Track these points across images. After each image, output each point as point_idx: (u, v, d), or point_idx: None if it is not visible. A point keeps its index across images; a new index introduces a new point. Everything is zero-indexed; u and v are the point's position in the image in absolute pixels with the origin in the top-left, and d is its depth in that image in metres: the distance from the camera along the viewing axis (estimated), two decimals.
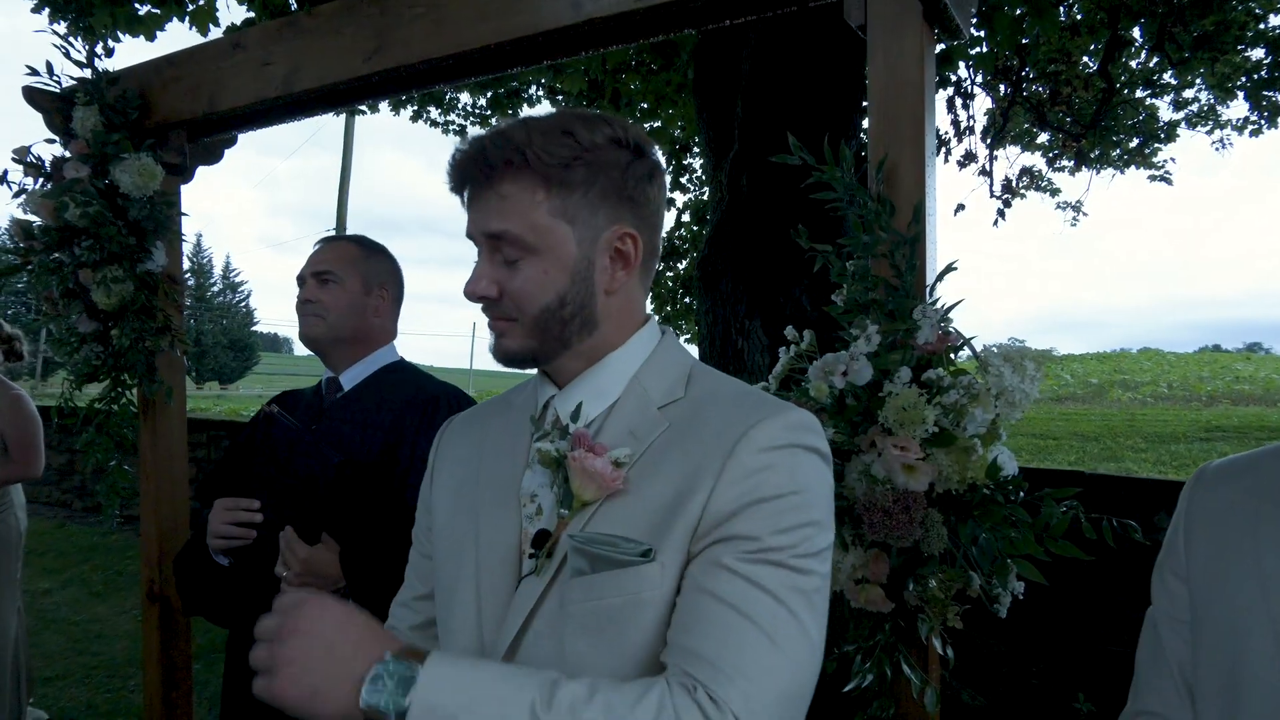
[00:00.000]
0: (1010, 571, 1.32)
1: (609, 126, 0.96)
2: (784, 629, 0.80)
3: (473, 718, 0.72)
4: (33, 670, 4.07)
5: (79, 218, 2.37)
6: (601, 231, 0.97)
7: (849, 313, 1.44)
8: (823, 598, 0.86)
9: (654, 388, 0.99)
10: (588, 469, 0.89)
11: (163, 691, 2.66)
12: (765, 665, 0.78)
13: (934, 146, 1.55)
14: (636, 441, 0.94)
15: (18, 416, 3.74)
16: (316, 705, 0.75)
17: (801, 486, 0.87)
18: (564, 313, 0.96)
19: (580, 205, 0.95)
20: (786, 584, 0.82)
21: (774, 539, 0.84)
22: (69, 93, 2.50)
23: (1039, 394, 1.47)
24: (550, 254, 0.94)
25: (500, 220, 0.93)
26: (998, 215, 7.54)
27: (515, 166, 0.93)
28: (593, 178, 0.95)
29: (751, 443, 0.87)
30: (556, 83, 6.93)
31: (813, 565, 0.85)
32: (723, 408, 0.94)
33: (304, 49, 2.20)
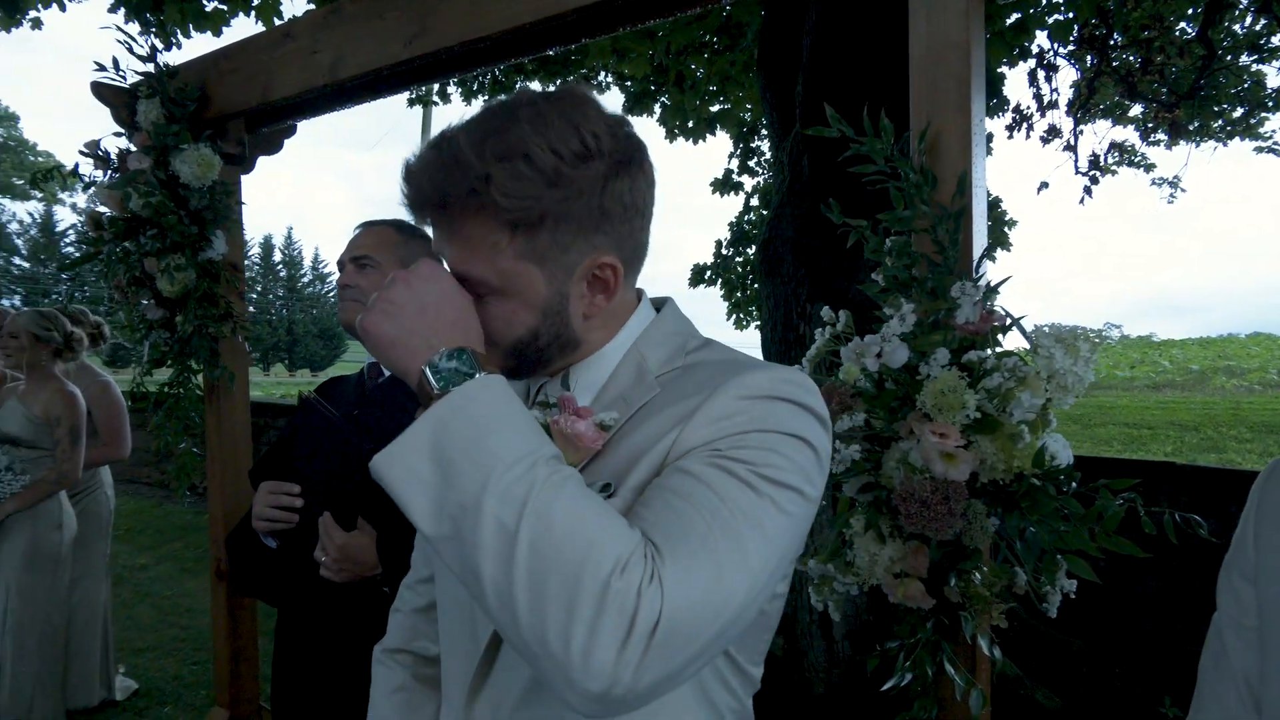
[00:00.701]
0: (1059, 568, 1.23)
1: (575, 135, 0.83)
2: (721, 530, 0.72)
3: (489, 434, 0.73)
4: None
5: (142, 208, 2.45)
6: (575, 266, 0.88)
7: (886, 291, 1.36)
8: (777, 528, 0.75)
9: (652, 356, 0.94)
10: (566, 433, 0.86)
11: (230, 665, 2.75)
12: (697, 554, 0.70)
13: (982, 114, 1.45)
14: (627, 406, 0.90)
15: (107, 402, 3.92)
16: (392, 352, 0.82)
17: (773, 427, 0.80)
18: (538, 344, 0.90)
19: (548, 245, 0.85)
20: (734, 491, 0.74)
21: (734, 450, 0.78)
22: (134, 87, 2.58)
23: (1139, 381, 1.37)
24: (517, 296, 0.87)
25: (463, 264, 0.86)
26: (1084, 193, 7.17)
27: (475, 206, 0.83)
28: (562, 213, 0.84)
29: (729, 391, 0.82)
30: (622, 68, 6.88)
31: (772, 493, 0.76)
32: (712, 368, 0.88)
33: (348, 36, 2.21)
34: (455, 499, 0.71)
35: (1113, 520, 1.16)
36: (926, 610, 1.35)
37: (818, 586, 1.43)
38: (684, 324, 1.00)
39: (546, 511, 0.68)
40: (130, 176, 2.47)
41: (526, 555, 0.67)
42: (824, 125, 1.45)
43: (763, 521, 0.74)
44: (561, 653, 0.65)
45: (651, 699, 0.67)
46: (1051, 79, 7.18)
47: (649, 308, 1.01)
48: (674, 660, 0.66)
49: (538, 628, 0.66)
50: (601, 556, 0.66)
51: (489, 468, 0.70)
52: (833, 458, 1.30)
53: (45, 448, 3.35)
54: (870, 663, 1.44)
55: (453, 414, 0.74)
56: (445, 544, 0.72)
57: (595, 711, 0.66)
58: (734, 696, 0.94)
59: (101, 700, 3.99)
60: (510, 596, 0.67)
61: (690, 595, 0.67)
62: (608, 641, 0.64)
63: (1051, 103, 7.23)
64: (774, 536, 0.75)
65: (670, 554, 0.68)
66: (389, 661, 1.16)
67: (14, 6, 4.24)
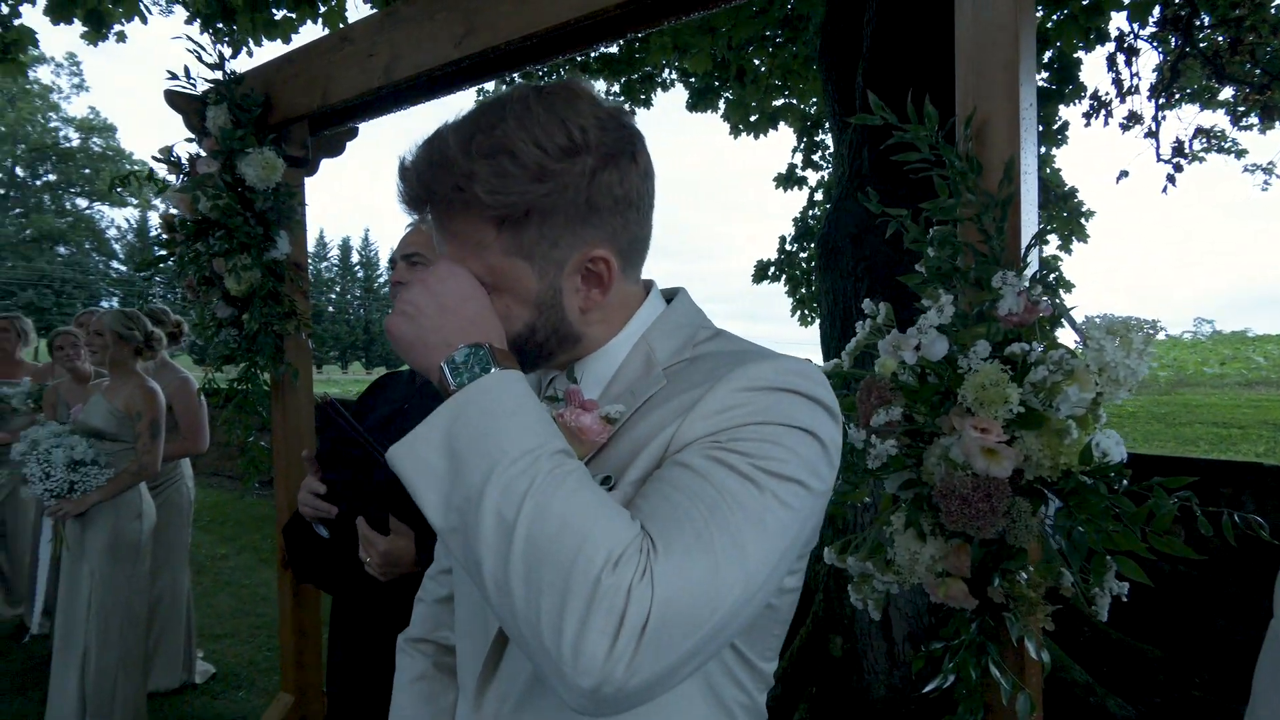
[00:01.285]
0: (1109, 569, 1.18)
1: (561, 129, 0.84)
2: (718, 525, 0.71)
3: (498, 429, 0.74)
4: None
5: (211, 210, 2.55)
6: (566, 260, 0.88)
7: (928, 282, 1.32)
8: (778, 522, 0.74)
9: (661, 348, 0.93)
10: (571, 426, 0.86)
11: (296, 652, 2.84)
12: (692, 548, 0.69)
13: (1032, 99, 1.40)
14: (633, 398, 0.89)
15: (186, 397, 4.10)
16: (412, 353, 0.84)
17: (775, 419, 0.78)
18: (536, 339, 0.91)
19: (536, 240, 0.86)
20: (733, 485, 0.73)
21: (733, 443, 0.76)
22: (203, 95, 2.68)
23: (1230, 378, 1.30)
24: (509, 292, 0.88)
25: (455, 261, 0.88)
26: (1167, 181, 6.85)
27: (461, 204, 0.84)
28: (548, 208, 0.84)
29: (731, 382, 0.81)
30: (683, 64, 6.86)
31: (773, 486, 0.74)
32: (718, 359, 0.87)
33: (401, 38, 2.25)
34: (462, 491, 0.72)
35: (1164, 520, 1.11)
36: (971, 611, 1.32)
37: (856, 585, 1.40)
38: (694, 315, 0.99)
39: (544, 505, 0.68)
40: (199, 180, 2.57)
41: (523, 548, 0.67)
42: (888, 112, 1.41)
43: (762, 516, 0.73)
44: (554, 647, 0.65)
45: (648, 697, 0.66)
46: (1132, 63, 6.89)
47: (659, 299, 1.00)
48: (667, 657, 0.65)
49: (532, 622, 0.66)
50: (594, 551, 0.66)
51: (494, 461, 0.71)
52: (868, 453, 1.27)
53: (127, 441, 3.52)
54: (915, 664, 1.41)
55: (465, 408, 0.76)
56: (452, 536, 0.73)
57: (588, 708, 0.66)
58: (743, 691, 0.93)
59: (181, 683, 4.18)
60: (507, 589, 0.67)
61: (682, 591, 0.66)
62: (598, 638, 0.64)
63: (1132, 88, 6.94)
64: (774, 531, 0.73)
65: (664, 548, 0.68)
66: (411, 650, 1.18)
67: (99, 21, 4.48)
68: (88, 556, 3.37)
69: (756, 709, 0.96)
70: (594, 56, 8.02)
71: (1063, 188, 7.34)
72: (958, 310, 1.30)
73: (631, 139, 0.89)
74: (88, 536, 3.38)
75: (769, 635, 0.94)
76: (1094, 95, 7.11)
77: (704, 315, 1.01)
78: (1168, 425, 11.84)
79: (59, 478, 3.26)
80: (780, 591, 0.91)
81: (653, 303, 0.99)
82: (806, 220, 8.37)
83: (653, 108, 8.83)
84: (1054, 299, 1.33)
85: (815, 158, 7.95)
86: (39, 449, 3.31)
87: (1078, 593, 1.23)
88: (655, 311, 0.98)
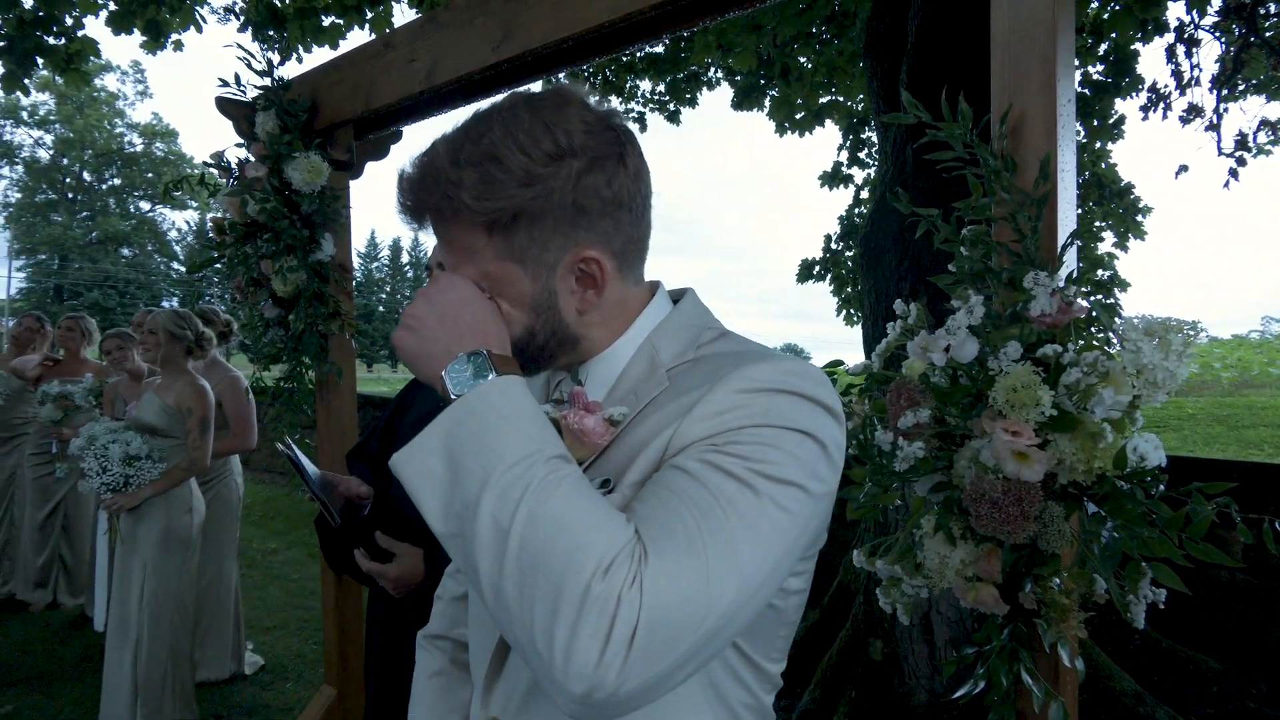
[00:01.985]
0: (1143, 576, 1.15)
1: (547, 135, 0.85)
2: (711, 530, 0.71)
3: (495, 434, 0.75)
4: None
5: (259, 213, 2.62)
6: (557, 263, 0.90)
7: (959, 283, 1.30)
8: (774, 526, 0.74)
9: (665, 349, 0.94)
10: (574, 428, 0.87)
11: (339, 646, 2.90)
12: (684, 555, 0.69)
13: (1070, 96, 1.37)
14: (636, 400, 0.90)
15: (235, 395, 4.22)
16: (416, 364, 0.87)
17: (772, 421, 0.78)
18: (536, 341, 0.92)
19: (526, 244, 0.88)
20: (729, 490, 0.74)
21: (729, 446, 0.77)
22: (253, 101, 2.75)
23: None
24: (506, 296, 0.90)
25: (452, 269, 0.91)
26: (1229, 175, 6.62)
27: (451, 213, 0.87)
28: (535, 212, 0.86)
29: (729, 384, 0.81)
30: (727, 61, 6.84)
31: (770, 490, 0.74)
32: (719, 360, 0.88)
33: (441, 43, 2.29)
34: (461, 498, 0.73)
35: (1200, 526, 1.07)
36: (1003, 617, 1.29)
37: (885, 588, 1.38)
38: (701, 316, 1.00)
39: (538, 510, 0.69)
40: (248, 184, 2.64)
41: (516, 554, 0.68)
42: (930, 110, 1.40)
43: (757, 520, 0.73)
44: (546, 653, 0.66)
45: (643, 701, 0.67)
46: (1192, 53, 6.68)
47: (665, 301, 1.01)
48: (659, 663, 0.66)
49: (526, 627, 0.67)
50: (585, 558, 0.66)
51: (491, 467, 0.73)
52: (896, 455, 1.25)
53: (178, 437, 3.63)
54: (947, 669, 1.39)
55: (464, 415, 0.78)
56: (452, 541, 0.75)
57: (581, 714, 0.67)
58: (749, 692, 0.92)
59: (231, 674, 4.30)
60: (502, 595, 0.69)
61: (672, 597, 0.66)
62: (588, 644, 0.64)
63: (1192, 79, 6.73)
64: (771, 534, 0.73)
65: (655, 554, 0.68)
66: (430, 647, 1.21)
67: (158, 31, 4.63)
68: (140, 549, 3.49)
69: (762, 709, 0.95)
70: (639, 56, 8.04)
71: (1119, 184, 7.14)
72: (991, 311, 1.28)
73: (619, 141, 0.90)
74: (140, 529, 3.49)
75: (774, 637, 0.94)
76: (1152, 88, 6.91)
77: (710, 315, 1.01)
78: (1230, 428, 11.45)
79: (115, 472, 3.38)
80: (784, 593, 0.90)
81: (658, 304, 0.99)
82: (852, 218, 8.27)
83: (698, 106, 8.83)
84: (1107, 298, 1.30)
85: (861, 155, 7.86)
86: (96, 444, 3.43)
87: (1114, 599, 1.20)
88: (661, 313, 0.99)
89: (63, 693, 4.12)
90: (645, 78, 8.63)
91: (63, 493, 5.45)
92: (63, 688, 4.18)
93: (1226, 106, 6.55)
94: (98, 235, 38.93)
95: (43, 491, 5.41)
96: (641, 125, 9.24)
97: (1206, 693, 3.48)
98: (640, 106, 9.37)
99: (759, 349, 0.91)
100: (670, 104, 8.85)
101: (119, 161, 39.72)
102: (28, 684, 4.21)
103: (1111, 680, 3.21)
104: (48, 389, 4.97)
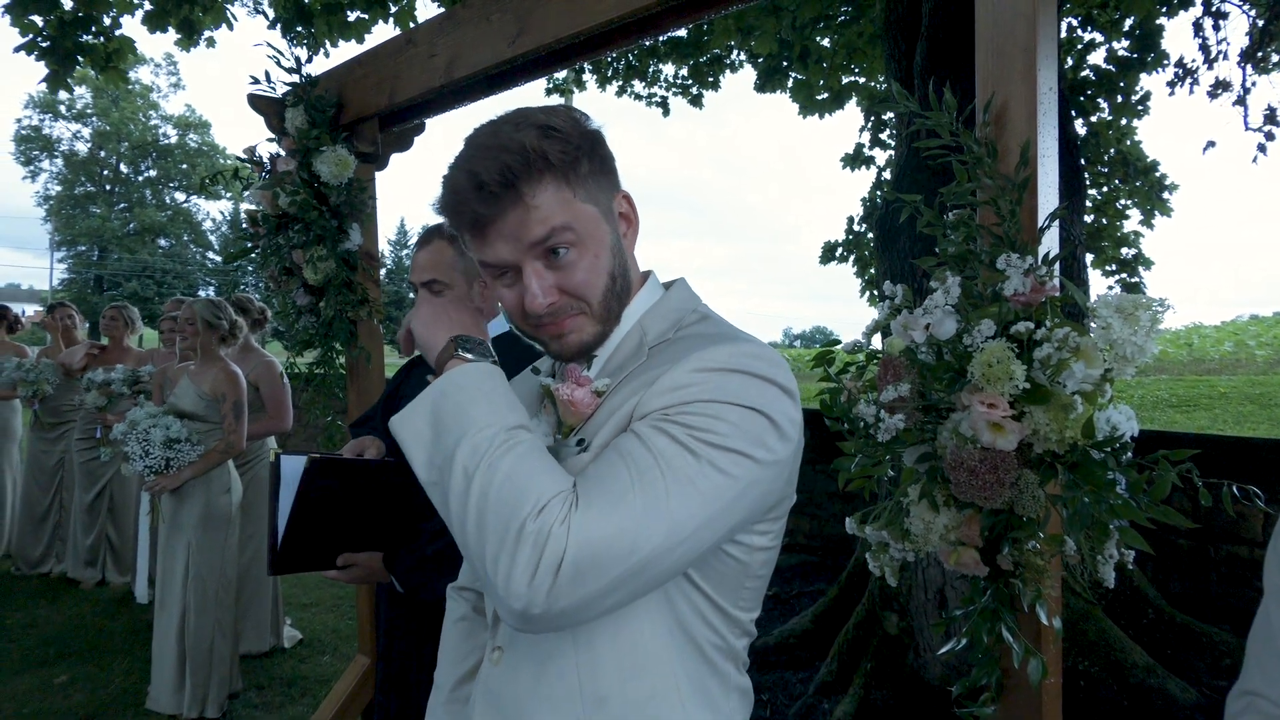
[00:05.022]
0: (1110, 538, 1.22)
1: (569, 114, 1.02)
2: (646, 483, 0.85)
3: (471, 405, 0.93)
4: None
5: (290, 205, 2.74)
6: (610, 204, 1.06)
7: (942, 265, 1.38)
8: (713, 485, 0.87)
9: (652, 329, 1.07)
10: (564, 399, 1.01)
11: (371, 619, 3.04)
12: (615, 501, 0.84)
13: (1051, 83, 1.43)
14: (620, 373, 1.03)
15: (271, 379, 4.38)
16: (425, 351, 1.08)
17: (720, 398, 0.91)
18: (616, 288, 1.05)
19: (594, 188, 1.02)
20: (670, 451, 0.87)
21: (678, 416, 0.90)
22: (283, 97, 2.87)
23: None
24: (594, 239, 1.02)
25: (543, 225, 0.97)
26: (1258, 150, 6.54)
27: (537, 172, 0.96)
28: (590, 161, 1.01)
29: (688, 363, 0.94)
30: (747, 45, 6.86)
31: (711, 455, 0.88)
32: (691, 341, 1.01)
33: (460, 39, 2.38)
34: (441, 451, 0.91)
35: (1160, 489, 1.15)
36: (985, 579, 1.38)
37: (874, 553, 1.47)
38: (688, 300, 1.11)
39: (495, 464, 0.86)
40: (279, 177, 2.76)
41: (477, 498, 0.85)
42: (905, 102, 1.47)
43: (694, 478, 0.87)
44: (493, 577, 0.83)
45: (576, 619, 0.84)
46: (1220, 27, 6.59)
47: (657, 286, 1.13)
48: (584, 589, 0.81)
49: (481, 557, 0.84)
50: (524, 501, 0.83)
51: (465, 428, 0.90)
52: (878, 426, 1.34)
53: (214, 421, 3.79)
54: (936, 629, 1.48)
55: (448, 387, 0.97)
56: (433, 489, 0.92)
57: (521, 626, 0.84)
58: (717, 635, 1.04)
59: (271, 647, 4.48)
60: (465, 529, 0.86)
61: (595, 536, 0.82)
62: (521, 571, 0.81)
63: (1220, 53, 6.64)
64: (709, 492, 0.87)
65: (585, 501, 0.84)
66: (456, 596, 1.34)
67: (191, 29, 4.77)
68: (183, 529, 3.66)
69: (731, 651, 1.07)
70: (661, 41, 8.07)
71: (1144, 160, 7.07)
72: (974, 291, 1.36)
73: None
74: (183, 511, 3.67)
75: (740, 587, 1.04)
76: (1179, 62, 6.82)
77: (697, 300, 1.13)
78: (1262, 406, 11.29)
79: (156, 455, 3.55)
80: (748, 549, 1.01)
81: (650, 289, 1.12)
82: (874, 200, 8.26)
83: (720, 90, 8.85)
84: (1131, 276, 1.37)
85: (883, 137, 7.84)
86: (138, 429, 3.60)
87: (1085, 560, 1.27)
88: (654, 297, 1.11)
89: (113, 664, 4.33)
90: (668, 61, 8.66)
91: (108, 476, 5.67)
92: (113, 659, 4.39)
93: (1255, 80, 6.46)
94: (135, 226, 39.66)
95: (89, 475, 5.64)
96: (664, 109, 9.28)
97: (1219, 666, 3.52)
98: (663, 91, 9.41)
99: (729, 332, 1.03)
100: (693, 87, 8.88)
101: (154, 153, 40.38)
102: (80, 656, 4.44)
103: (1123, 653, 3.26)
104: (92, 376, 5.17)
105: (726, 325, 1.06)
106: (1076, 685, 3.26)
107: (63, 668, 4.28)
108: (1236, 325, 26.41)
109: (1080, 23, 6.59)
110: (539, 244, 0.97)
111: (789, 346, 63.28)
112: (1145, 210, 7.12)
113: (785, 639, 4.26)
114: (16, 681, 4.11)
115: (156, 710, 3.72)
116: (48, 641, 4.63)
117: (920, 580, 3.46)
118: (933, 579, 3.42)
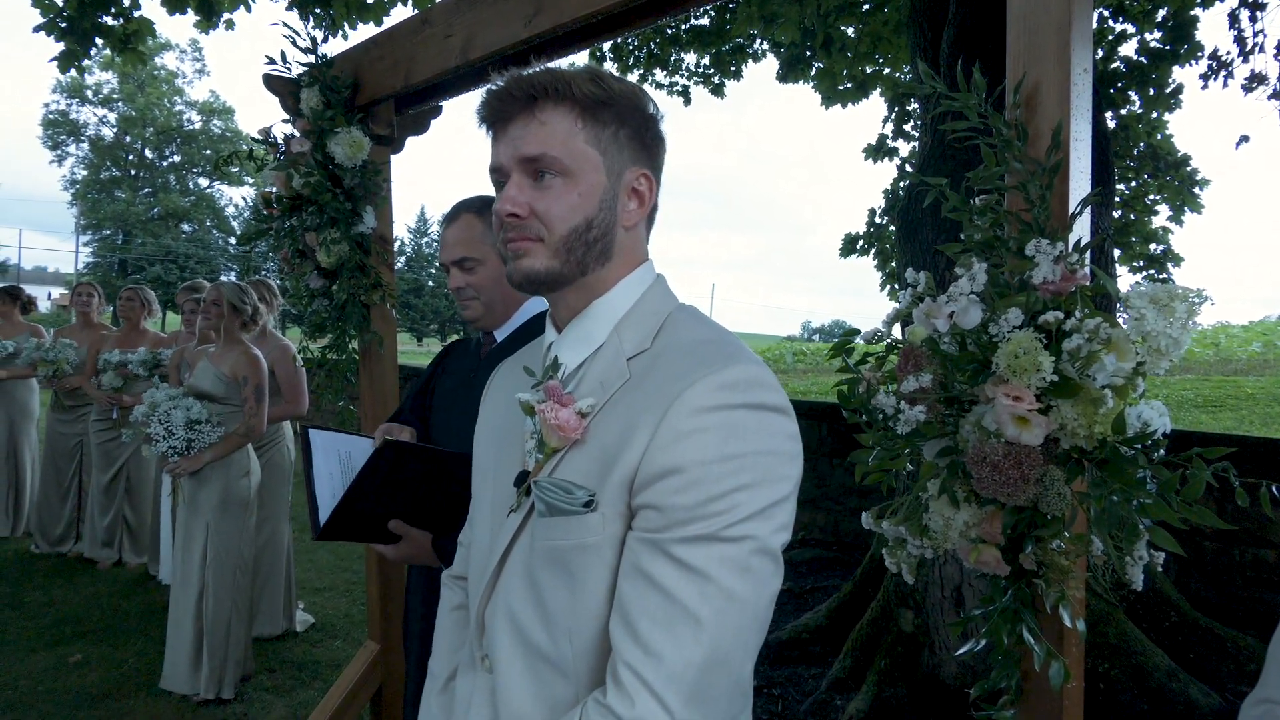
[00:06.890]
0: (1140, 538, 1.17)
1: (632, 85, 1.06)
2: (711, 603, 0.86)
3: None
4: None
5: (304, 187, 2.71)
6: (625, 168, 1.06)
7: (967, 251, 1.33)
8: (762, 558, 0.90)
9: (628, 339, 1.04)
10: (550, 421, 0.97)
11: (381, 604, 3.03)
12: (687, 642, 0.85)
13: (1085, 65, 1.37)
14: (603, 391, 1.00)
15: (286, 363, 4.38)
16: None
17: (732, 451, 0.89)
18: (589, 236, 1.03)
19: (610, 141, 1.04)
20: (716, 558, 0.87)
21: (705, 511, 0.88)
22: (298, 78, 2.84)
23: None
24: (582, 178, 1.02)
25: (539, 144, 1.00)
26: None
27: (557, 96, 1.01)
28: (621, 120, 1.04)
29: (684, 405, 0.90)
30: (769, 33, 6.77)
31: (746, 530, 0.88)
32: (672, 361, 0.97)
33: (476, 19, 2.34)
34: None
35: (1194, 489, 1.10)
36: (1007, 578, 1.33)
37: (891, 549, 1.42)
38: (664, 302, 1.09)
39: None
40: (293, 159, 2.74)
41: None
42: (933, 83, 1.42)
43: (749, 561, 0.89)
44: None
45: None
46: (1256, 18, 6.43)
47: (651, 271, 1.11)
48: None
49: None
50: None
51: None
52: (898, 418, 1.29)
53: (234, 403, 3.79)
54: (954, 630, 1.43)
55: None
56: None
57: None
58: None
59: (284, 630, 4.50)
60: None
61: (685, 676, 0.86)
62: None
63: (1256, 45, 6.48)
64: (759, 564, 0.90)
65: (659, 652, 0.86)
66: (451, 585, 1.33)
67: (210, 10, 4.77)
68: (202, 511, 3.67)
69: None
70: (684, 29, 7.99)
71: (1175, 154, 6.92)
72: (1001, 280, 1.30)
73: (664, 132, 1.12)
74: (202, 493, 3.67)
75: None
76: (1213, 55, 6.67)
77: (671, 299, 1.11)
78: None
79: (179, 436, 3.55)
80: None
81: (644, 272, 1.10)
82: (896, 192, 8.15)
83: (742, 80, 8.75)
84: (1160, 272, 1.31)
85: (906, 128, 7.73)
86: (159, 410, 3.60)
87: (1112, 561, 1.22)
88: (640, 285, 1.08)
89: (128, 644, 4.36)
90: (690, 50, 8.57)
91: (125, 457, 5.70)
92: (128, 639, 4.42)
93: None
94: (159, 211, 40.02)
95: (106, 456, 5.67)
96: (685, 99, 9.19)
97: (1243, 671, 3.44)
98: (685, 80, 9.32)
99: (707, 342, 0.99)
100: (715, 77, 8.79)
101: (179, 139, 40.69)
102: (96, 635, 4.47)
103: (1144, 655, 3.19)
104: (108, 357, 5.19)
105: (701, 328, 1.04)
106: (1096, 688, 3.20)
107: (78, 646, 4.32)
108: (1265, 325, 25.95)
109: (1111, 13, 6.46)
110: (529, 161, 1.01)
111: (807, 340, 62.90)
112: (1175, 206, 6.98)
113: (799, 634, 4.22)
114: (32, 659, 4.14)
115: (170, 690, 3.74)
116: (63, 620, 4.67)
117: (936, 577, 3.40)
118: (950, 576, 3.37)
